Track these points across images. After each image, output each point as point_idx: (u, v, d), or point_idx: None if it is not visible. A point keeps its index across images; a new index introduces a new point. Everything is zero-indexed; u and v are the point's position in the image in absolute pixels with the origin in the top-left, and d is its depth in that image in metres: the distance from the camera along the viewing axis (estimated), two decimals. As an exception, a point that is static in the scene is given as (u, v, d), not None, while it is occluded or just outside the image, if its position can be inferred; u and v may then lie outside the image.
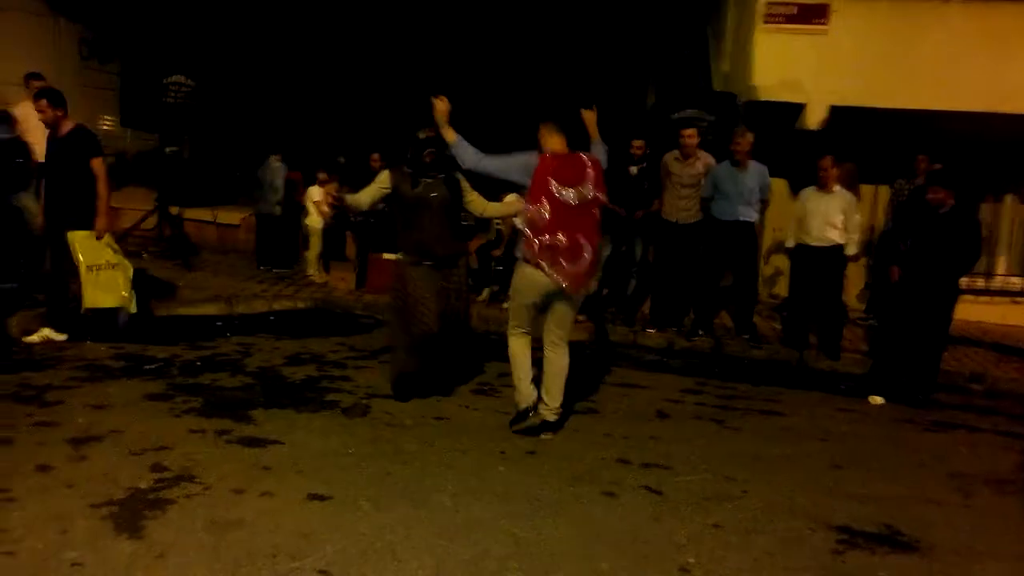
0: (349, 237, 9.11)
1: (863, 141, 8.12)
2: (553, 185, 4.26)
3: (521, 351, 4.63)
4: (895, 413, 5.62)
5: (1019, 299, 9.39)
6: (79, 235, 5.78)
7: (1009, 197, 9.65)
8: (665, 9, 11.07)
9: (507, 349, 4.67)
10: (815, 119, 8.72)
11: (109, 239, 5.95)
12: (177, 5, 10.99)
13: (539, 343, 4.69)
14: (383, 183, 4.91)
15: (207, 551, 3.02)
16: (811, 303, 6.84)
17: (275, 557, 3.00)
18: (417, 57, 11.37)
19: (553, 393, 4.57)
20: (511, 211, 4.94)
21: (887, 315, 6.19)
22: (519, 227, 4.39)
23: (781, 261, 7.88)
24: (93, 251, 5.83)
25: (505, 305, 7.15)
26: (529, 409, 4.60)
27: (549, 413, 4.58)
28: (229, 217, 10.22)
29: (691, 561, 3.20)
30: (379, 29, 11.77)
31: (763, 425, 5.16)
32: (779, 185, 7.86)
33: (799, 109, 8.69)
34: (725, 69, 10.24)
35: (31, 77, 7.55)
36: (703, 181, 7.10)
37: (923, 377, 5.83)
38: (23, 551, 2.94)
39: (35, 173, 6.92)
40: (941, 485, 4.28)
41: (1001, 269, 9.70)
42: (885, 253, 7.37)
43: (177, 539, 3.09)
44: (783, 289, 8.06)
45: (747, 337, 7.10)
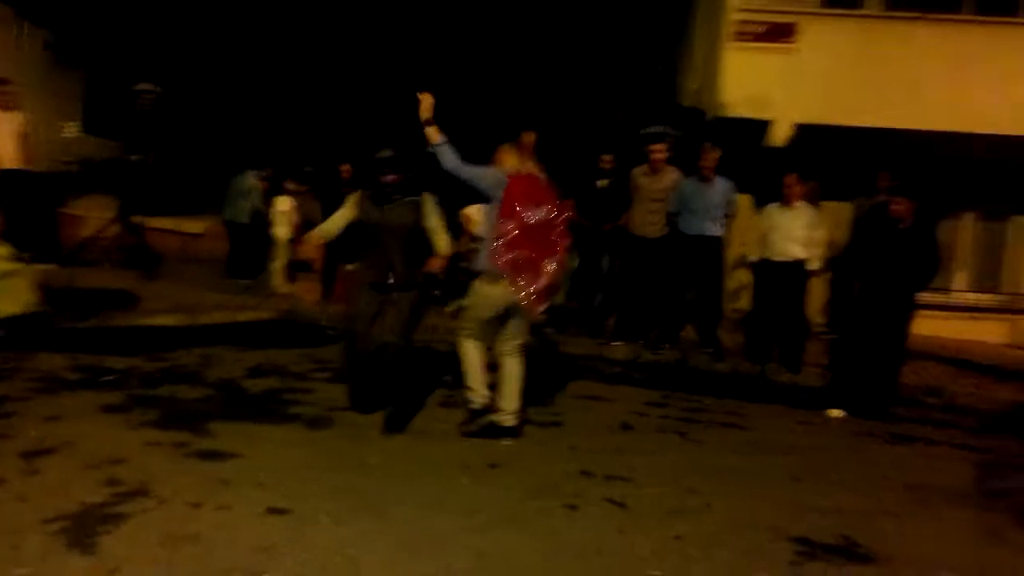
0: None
1: (828, 158, 8.25)
2: (519, 206, 4.48)
3: (473, 351, 4.72)
4: (855, 426, 5.69)
5: (976, 315, 9.61)
6: None
7: (968, 215, 9.89)
8: (635, 26, 11.22)
9: (459, 348, 4.76)
10: (781, 136, 8.84)
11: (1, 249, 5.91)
12: (143, 12, 10.88)
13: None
14: (350, 208, 4.89)
15: (162, 566, 2.95)
16: (774, 317, 6.93)
17: (232, 572, 2.94)
18: (386, 70, 11.37)
19: (510, 398, 4.67)
20: (462, 249, 5.08)
21: (847, 329, 6.27)
22: (479, 240, 4.48)
23: (745, 276, 7.99)
24: None
25: (448, 310, 7.22)
26: (482, 411, 4.67)
27: (508, 418, 4.65)
28: (193, 226, 10.09)
29: (655, 573, 3.20)
30: (347, 40, 11.77)
31: (726, 438, 5.20)
32: (745, 201, 7.96)
33: (766, 126, 8.82)
34: (693, 85, 10.37)
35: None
36: (670, 196, 7.18)
37: (882, 390, 5.92)
38: (-30, 567, 2.86)
39: None
40: (899, 497, 4.33)
41: (959, 285, 9.92)
42: (845, 268, 7.49)
43: (131, 554, 3.01)
44: (747, 303, 8.17)
45: (711, 351, 7.16)
